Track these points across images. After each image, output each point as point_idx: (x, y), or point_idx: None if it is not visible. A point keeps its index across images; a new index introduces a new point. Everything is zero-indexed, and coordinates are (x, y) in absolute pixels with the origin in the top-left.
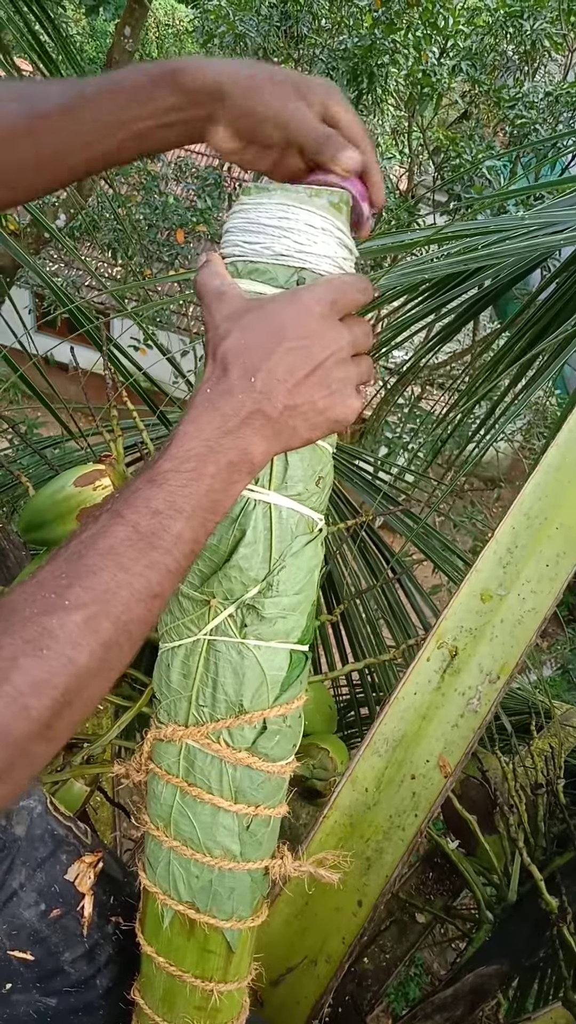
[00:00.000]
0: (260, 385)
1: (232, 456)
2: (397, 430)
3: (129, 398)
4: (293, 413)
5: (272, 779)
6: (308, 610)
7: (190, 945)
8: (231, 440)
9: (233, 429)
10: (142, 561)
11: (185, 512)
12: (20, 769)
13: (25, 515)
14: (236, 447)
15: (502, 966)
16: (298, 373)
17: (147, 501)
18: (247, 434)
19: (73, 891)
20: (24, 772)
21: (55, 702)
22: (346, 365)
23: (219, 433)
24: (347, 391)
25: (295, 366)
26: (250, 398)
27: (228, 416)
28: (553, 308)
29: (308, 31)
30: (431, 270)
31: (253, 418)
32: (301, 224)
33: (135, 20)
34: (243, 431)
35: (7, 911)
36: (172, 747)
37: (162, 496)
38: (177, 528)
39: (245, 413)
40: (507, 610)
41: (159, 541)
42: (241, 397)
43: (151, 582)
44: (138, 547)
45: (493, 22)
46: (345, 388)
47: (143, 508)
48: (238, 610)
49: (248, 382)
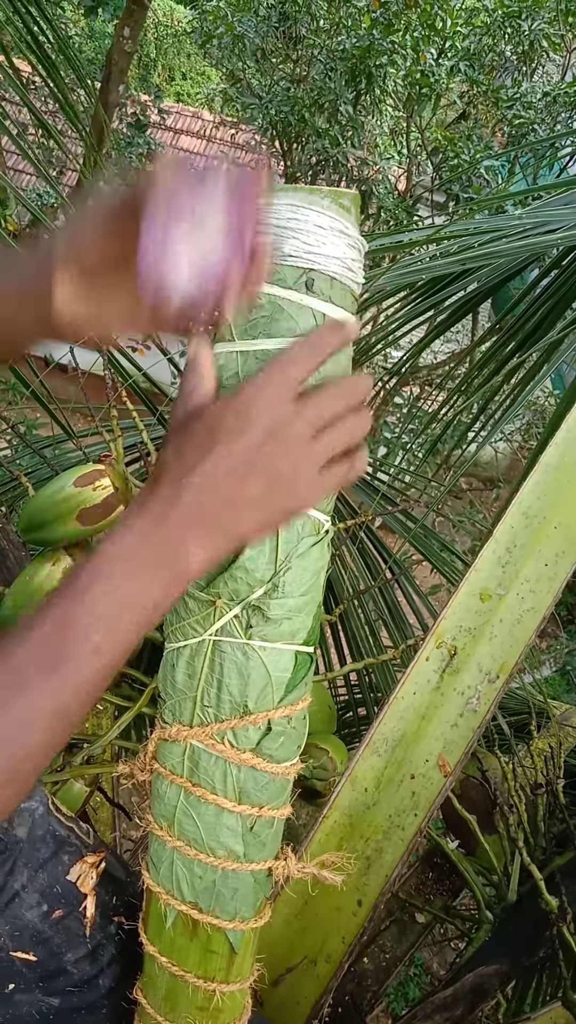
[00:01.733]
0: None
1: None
2: (396, 430)
3: (128, 399)
4: (234, 511)
5: (276, 780)
6: (314, 611)
7: (193, 945)
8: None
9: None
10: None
11: (105, 621)
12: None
13: (24, 515)
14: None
15: (502, 966)
16: (238, 471)
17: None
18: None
19: (75, 892)
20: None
21: None
22: (296, 451)
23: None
24: (301, 481)
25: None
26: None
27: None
28: (545, 305)
29: (306, 32)
30: (428, 270)
31: (187, 521)
32: (310, 225)
33: (134, 21)
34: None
35: (9, 912)
36: (176, 747)
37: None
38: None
39: (176, 517)
40: (506, 609)
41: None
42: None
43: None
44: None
45: (491, 22)
46: (297, 476)
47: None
48: (244, 611)
49: (178, 485)
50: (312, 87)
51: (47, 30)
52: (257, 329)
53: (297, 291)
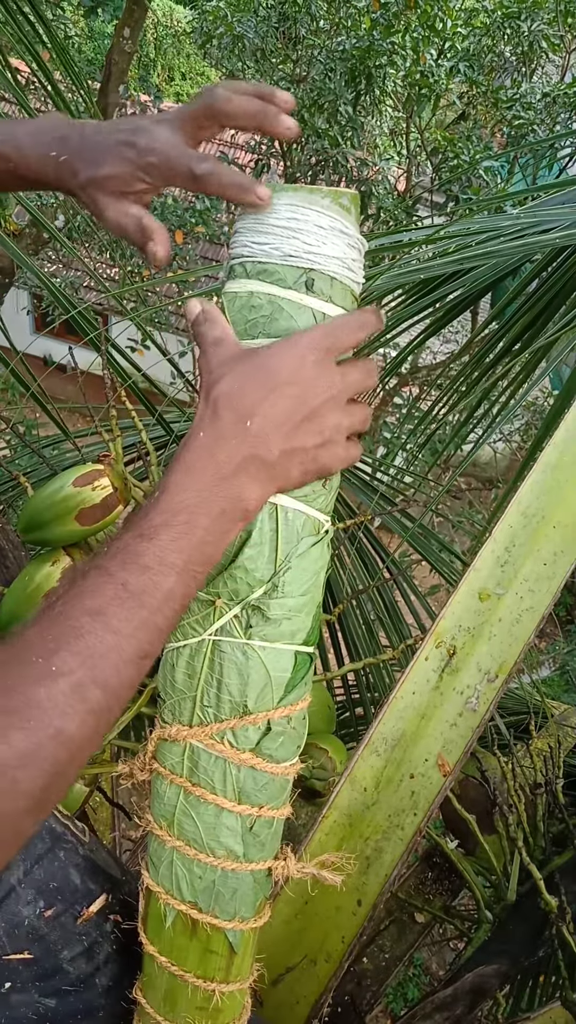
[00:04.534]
0: (255, 429)
1: (225, 505)
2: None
3: (128, 399)
4: (288, 457)
5: (276, 780)
6: (313, 611)
7: (192, 945)
8: (225, 488)
9: (228, 476)
10: (132, 622)
11: (176, 567)
12: (8, 845)
13: (24, 515)
14: (230, 495)
15: (501, 966)
16: (293, 418)
17: (137, 557)
18: (242, 480)
19: (71, 887)
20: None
21: (44, 774)
22: (339, 412)
23: (213, 481)
24: (338, 439)
25: (290, 411)
26: (245, 443)
27: (223, 463)
28: (539, 303)
29: (306, 32)
30: (425, 270)
31: (248, 463)
32: (310, 225)
33: (134, 21)
34: (238, 478)
35: (6, 908)
36: (176, 747)
37: (153, 551)
38: (168, 585)
39: (240, 458)
40: (505, 609)
41: (149, 600)
42: (235, 442)
43: (141, 643)
44: (127, 607)
45: (491, 23)
46: (337, 436)
47: (132, 564)
48: (243, 611)
49: (243, 426)
50: (312, 87)
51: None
52: (257, 329)
53: (297, 291)
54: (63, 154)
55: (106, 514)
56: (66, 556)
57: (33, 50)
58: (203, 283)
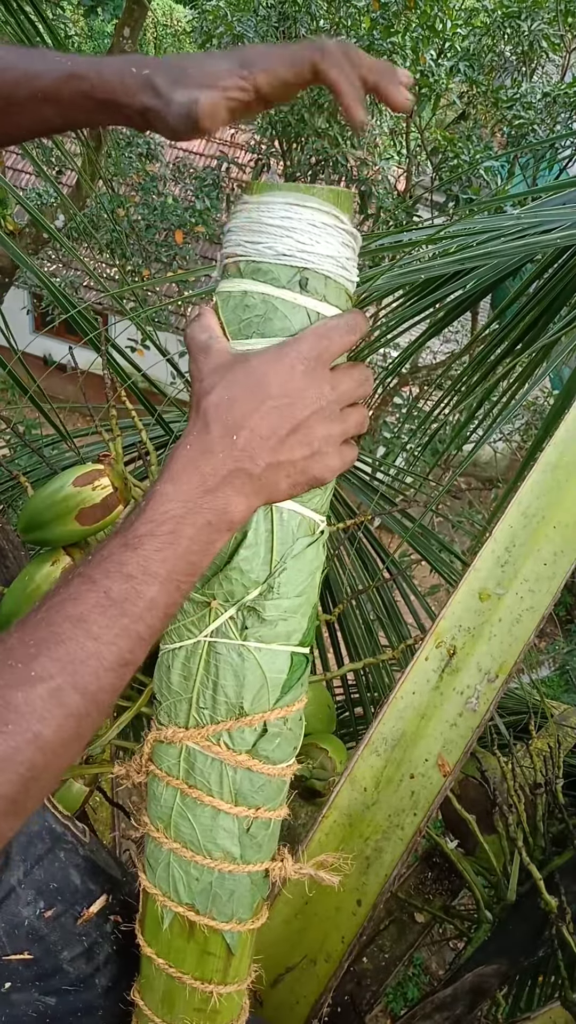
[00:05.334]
0: (242, 443)
1: (211, 516)
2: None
3: (127, 398)
4: (275, 471)
5: (272, 781)
6: (309, 612)
7: (190, 947)
8: (211, 500)
9: (213, 488)
10: (113, 629)
11: (160, 577)
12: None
13: (24, 515)
14: (215, 507)
15: (501, 966)
16: (280, 431)
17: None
18: (227, 493)
19: (71, 888)
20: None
21: (20, 777)
22: (330, 422)
23: (199, 492)
24: (329, 450)
25: (278, 424)
26: (231, 457)
27: (208, 475)
28: (540, 304)
29: (306, 32)
30: (426, 270)
31: (234, 477)
32: (304, 223)
33: (134, 21)
34: (223, 490)
35: (6, 909)
36: (172, 749)
37: (136, 560)
38: (151, 594)
39: (226, 472)
40: (505, 609)
41: (131, 608)
42: (222, 456)
43: (122, 650)
44: (109, 614)
45: (491, 23)
46: (327, 447)
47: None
48: (239, 612)
49: (230, 440)
50: (312, 87)
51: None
52: (251, 328)
53: (291, 290)
54: (146, 67)
55: (106, 514)
56: (66, 556)
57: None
58: (203, 283)
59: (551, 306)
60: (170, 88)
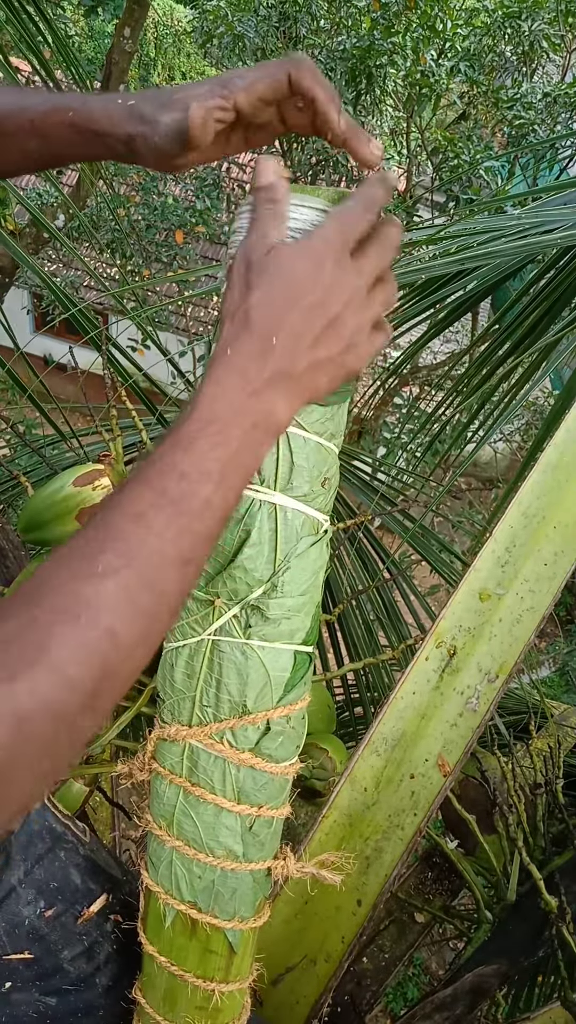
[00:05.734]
0: (281, 346)
1: (257, 418)
2: (395, 430)
3: (128, 398)
4: (314, 369)
5: (275, 780)
6: (312, 611)
7: (192, 945)
8: (255, 403)
9: (257, 391)
10: (172, 526)
11: (213, 476)
12: (68, 744)
13: (24, 515)
14: (260, 409)
15: (501, 966)
16: (316, 329)
17: (174, 465)
18: (271, 395)
19: (71, 887)
20: (72, 748)
21: (98, 671)
22: (360, 311)
23: (243, 395)
24: (361, 339)
25: (313, 323)
26: (272, 359)
27: (251, 379)
28: (542, 305)
29: (306, 32)
30: (427, 270)
31: (276, 379)
32: (307, 224)
33: (134, 21)
34: (267, 393)
35: (6, 908)
36: (175, 747)
37: (189, 460)
38: (206, 493)
39: (268, 375)
40: (506, 609)
41: (188, 506)
42: (263, 359)
43: (182, 547)
44: (167, 512)
45: (491, 23)
46: (360, 337)
47: (170, 472)
48: (243, 611)
49: (269, 343)
50: None
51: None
52: None
53: None
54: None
55: None
56: None
57: (37, 49)
58: (203, 283)
59: (553, 307)
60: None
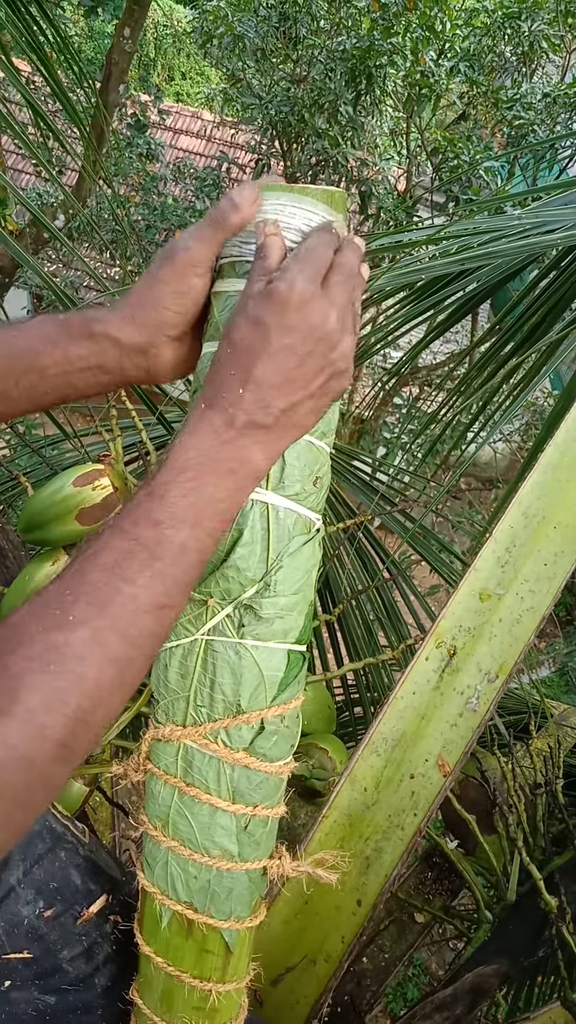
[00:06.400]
0: (250, 396)
1: (232, 465)
2: (395, 430)
3: (128, 398)
4: (293, 411)
5: (270, 779)
6: (306, 610)
7: (188, 945)
8: (229, 451)
9: (229, 440)
10: (146, 572)
11: (188, 522)
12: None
13: (24, 515)
14: (235, 457)
15: (501, 966)
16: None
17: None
18: (244, 444)
19: (71, 888)
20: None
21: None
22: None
23: (216, 445)
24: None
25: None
26: (241, 410)
27: (220, 429)
28: (544, 306)
29: (307, 32)
30: (427, 270)
31: (249, 429)
32: (298, 223)
33: (134, 21)
34: (240, 441)
35: (5, 908)
36: (170, 747)
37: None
38: (181, 538)
39: (240, 424)
40: (506, 609)
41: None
42: (231, 410)
43: (157, 593)
44: (140, 559)
45: (491, 23)
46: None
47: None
48: (236, 610)
49: (236, 394)
50: (312, 87)
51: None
52: None
53: None
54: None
55: (106, 514)
56: (66, 556)
57: (40, 50)
58: None
59: (555, 308)
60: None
